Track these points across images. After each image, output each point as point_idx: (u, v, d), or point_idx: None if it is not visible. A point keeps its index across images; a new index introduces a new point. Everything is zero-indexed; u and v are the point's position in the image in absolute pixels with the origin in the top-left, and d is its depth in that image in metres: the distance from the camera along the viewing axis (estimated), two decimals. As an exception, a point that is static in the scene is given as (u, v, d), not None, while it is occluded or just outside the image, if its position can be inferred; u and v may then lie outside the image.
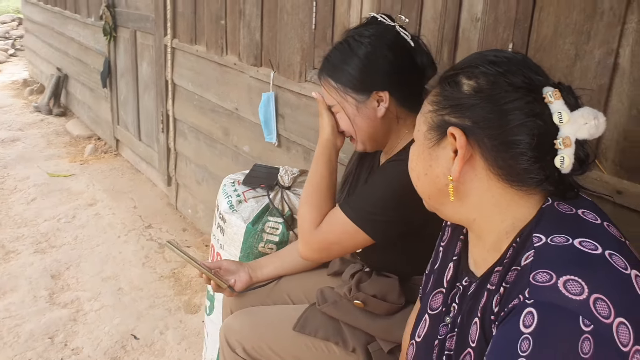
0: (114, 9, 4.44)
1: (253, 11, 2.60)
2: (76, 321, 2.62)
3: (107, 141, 5.21)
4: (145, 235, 3.49)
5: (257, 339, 1.48)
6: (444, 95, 0.92)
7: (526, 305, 0.75)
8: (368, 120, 1.38)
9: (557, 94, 0.84)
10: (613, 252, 0.79)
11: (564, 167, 0.84)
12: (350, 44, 1.36)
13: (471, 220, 0.94)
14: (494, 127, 0.85)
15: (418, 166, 0.97)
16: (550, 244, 0.81)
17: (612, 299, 0.73)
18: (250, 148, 2.83)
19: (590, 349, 0.69)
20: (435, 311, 1.05)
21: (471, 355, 0.88)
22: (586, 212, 0.87)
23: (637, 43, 1.18)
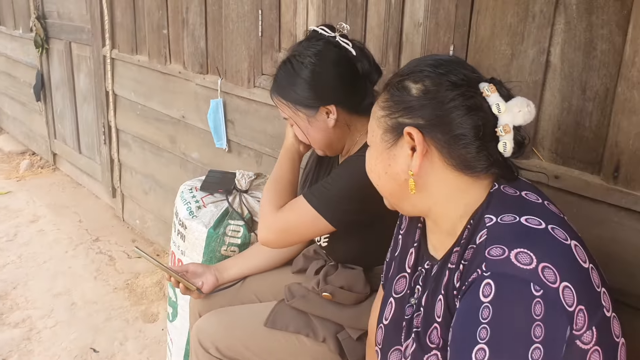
0: (44, 21, 4.34)
1: (197, 20, 2.63)
2: (30, 340, 2.58)
3: (43, 156, 5.07)
4: (94, 249, 3.45)
5: (230, 338, 1.53)
6: (394, 100, 1.01)
7: (484, 277, 0.85)
8: (320, 131, 1.47)
9: (492, 88, 0.96)
10: (555, 226, 0.91)
11: (506, 151, 0.95)
12: (293, 65, 1.44)
13: (428, 210, 1.04)
14: (444, 122, 0.96)
15: (377, 167, 1.06)
16: (501, 223, 0.91)
17: (557, 266, 0.84)
18: (200, 155, 2.86)
19: (542, 311, 0.80)
20: (400, 294, 1.14)
21: (438, 330, 0.98)
22: (529, 193, 0.99)
23: (566, 42, 1.31)
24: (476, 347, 0.82)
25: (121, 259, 3.34)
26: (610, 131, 1.26)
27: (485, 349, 0.81)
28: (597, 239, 1.32)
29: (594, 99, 1.28)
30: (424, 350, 0.99)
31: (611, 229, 1.30)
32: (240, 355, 1.53)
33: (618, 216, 1.28)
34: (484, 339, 0.81)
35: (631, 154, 1.22)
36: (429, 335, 0.99)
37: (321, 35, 1.47)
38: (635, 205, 1.23)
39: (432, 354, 0.97)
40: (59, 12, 4.13)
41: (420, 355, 0.99)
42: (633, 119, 1.21)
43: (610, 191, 1.27)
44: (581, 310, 0.84)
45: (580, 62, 1.29)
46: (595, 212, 1.32)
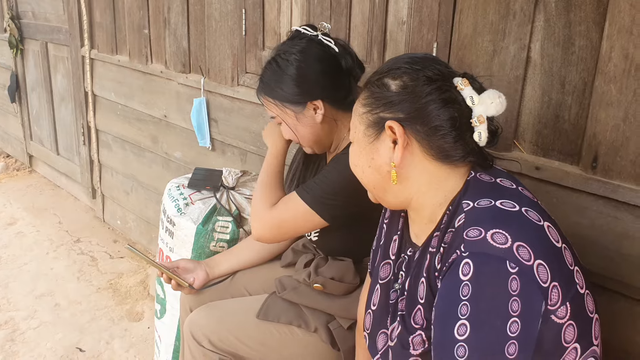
0: (19, 21, 4.29)
1: (179, 20, 2.65)
2: (14, 341, 2.57)
3: (18, 158, 5.02)
4: (76, 250, 3.43)
5: (223, 331, 1.56)
6: (374, 96, 1.07)
7: (463, 257, 0.90)
8: (309, 127, 1.51)
9: (465, 82, 1.04)
10: (528, 208, 0.98)
11: (481, 140, 1.02)
12: (279, 63, 1.48)
13: (410, 200, 1.09)
14: (422, 115, 1.02)
15: (361, 161, 1.12)
16: (477, 207, 0.97)
17: (531, 245, 0.90)
18: (183, 154, 2.88)
19: (518, 287, 0.86)
20: (385, 280, 1.20)
21: (421, 311, 1.03)
22: (503, 180, 1.06)
23: (546, 38, 1.37)
24: (458, 323, 0.88)
25: (103, 260, 3.33)
26: (588, 123, 1.32)
27: (466, 324, 0.87)
28: (577, 226, 1.38)
29: (572, 93, 1.34)
30: (409, 331, 1.04)
31: (590, 217, 1.36)
32: (233, 347, 1.56)
33: (596, 204, 1.34)
34: (465, 314, 0.87)
35: (609, 145, 1.29)
36: (413, 316, 1.04)
37: (304, 35, 1.51)
38: (613, 194, 1.29)
39: (417, 334, 1.02)
40: (34, 12, 4.10)
41: (405, 336, 1.04)
42: (610, 112, 1.27)
43: (589, 181, 1.33)
44: (555, 286, 0.90)
45: (559, 57, 1.35)
46: (574, 201, 1.38)
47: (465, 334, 0.87)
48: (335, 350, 1.54)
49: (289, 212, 1.48)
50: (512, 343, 0.85)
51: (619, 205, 1.30)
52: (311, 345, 1.55)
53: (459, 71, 1.08)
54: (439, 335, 0.93)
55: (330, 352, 1.55)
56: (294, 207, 1.47)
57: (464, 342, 0.87)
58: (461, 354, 0.87)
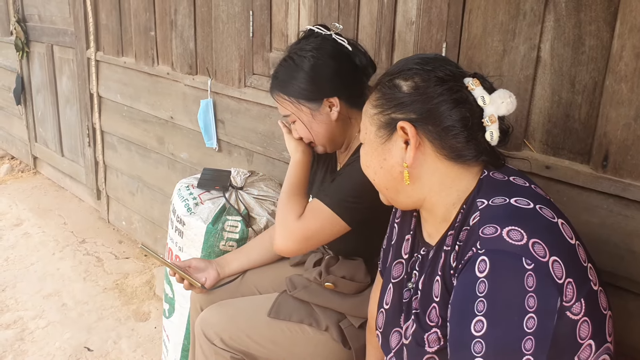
0: (25, 24, 4.31)
1: (185, 22, 2.66)
2: (23, 340, 2.58)
3: (23, 160, 5.03)
4: (81, 250, 3.45)
5: (234, 329, 1.57)
6: (386, 97, 1.08)
7: (479, 254, 0.91)
8: (324, 125, 1.52)
9: (476, 82, 1.05)
10: (542, 205, 0.99)
11: (493, 139, 1.03)
12: (294, 60, 1.49)
13: (422, 200, 1.10)
14: (434, 116, 1.03)
15: (373, 162, 1.13)
16: (492, 205, 0.98)
17: (546, 242, 0.91)
18: (189, 155, 2.89)
19: (534, 283, 0.87)
20: (397, 279, 1.21)
21: (436, 309, 1.04)
22: (516, 178, 1.07)
23: (556, 38, 1.38)
24: (474, 320, 0.89)
25: (109, 260, 3.34)
26: (598, 122, 1.33)
27: (483, 321, 0.88)
28: (587, 225, 1.39)
29: (582, 92, 1.35)
30: (424, 329, 1.05)
31: (600, 215, 1.37)
32: (244, 346, 1.57)
33: (607, 203, 1.35)
34: (482, 311, 0.88)
35: (619, 144, 1.30)
36: (429, 314, 1.05)
37: (318, 33, 1.53)
38: (623, 192, 1.30)
39: (432, 331, 1.03)
40: (40, 15, 4.12)
41: (421, 334, 1.05)
42: (621, 111, 1.28)
43: (600, 179, 1.34)
44: (570, 282, 0.91)
45: (569, 57, 1.36)
46: (585, 200, 1.39)
47: (482, 330, 0.88)
48: (347, 349, 1.55)
49: (317, 222, 1.45)
50: (529, 339, 0.86)
51: (630, 203, 1.31)
52: (322, 344, 1.56)
53: (469, 71, 1.09)
54: (455, 332, 0.94)
55: (341, 350, 1.56)
56: (320, 215, 1.45)
57: (481, 338, 0.88)
58: (478, 350, 0.88)
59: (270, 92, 1.56)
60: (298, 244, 1.47)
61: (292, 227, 1.46)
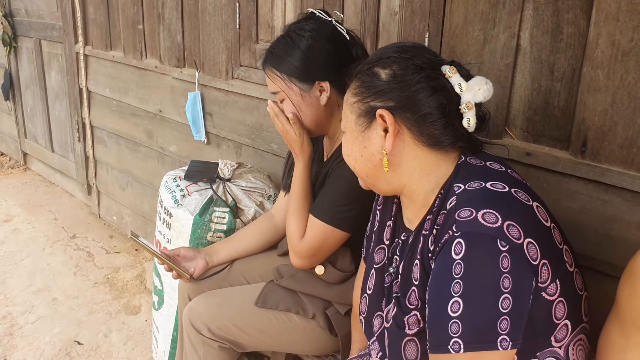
0: (12, 18, 4.30)
1: (173, 15, 2.67)
2: (12, 335, 2.58)
3: (12, 156, 5.02)
4: (72, 246, 3.45)
5: (222, 318, 1.59)
6: (365, 85, 1.10)
7: (455, 237, 0.93)
8: (312, 108, 1.52)
9: (453, 70, 1.07)
10: (517, 189, 1.01)
11: (470, 126, 1.06)
12: (292, 38, 1.48)
13: (402, 186, 1.12)
14: (412, 103, 1.05)
15: (353, 150, 1.14)
16: (468, 189, 1.00)
17: (521, 224, 0.93)
18: (178, 148, 2.90)
19: (509, 264, 0.89)
20: (379, 264, 1.23)
21: (415, 292, 1.06)
22: (493, 163, 1.09)
23: (535, 26, 1.40)
24: (451, 301, 0.91)
25: (100, 255, 3.35)
26: (577, 109, 1.35)
27: (459, 302, 0.90)
28: (567, 210, 1.41)
29: (561, 80, 1.37)
30: (404, 312, 1.07)
31: (580, 201, 1.39)
32: (231, 335, 1.59)
33: (586, 188, 1.37)
34: (458, 292, 0.90)
35: (597, 130, 1.32)
36: (408, 297, 1.07)
37: (318, 17, 1.53)
38: (602, 177, 1.33)
39: (412, 314, 1.05)
40: (27, 9, 4.10)
41: (401, 316, 1.07)
42: (598, 97, 1.30)
43: (579, 165, 1.36)
44: (545, 264, 0.93)
45: (548, 45, 1.38)
46: (565, 186, 1.41)
47: (458, 311, 0.90)
48: (333, 335, 1.57)
49: (318, 239, 1.49)
50: (505, 319, 0.88)
51: (608, 188, 1.33)
52: (309, 331, 1.58)
53: (447, 59, 1.10)
54: (433, 313, 0.95)
55: (328, 337, 1.58)
56: (319, 232, 1.49)
57: (458, 318, 0.90)
58: (455, 330, 0.90)
59: (263, 66, 1.54)
60: (308, 260, 1.54)
61: (297, 248, 1.53)
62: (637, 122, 1.25)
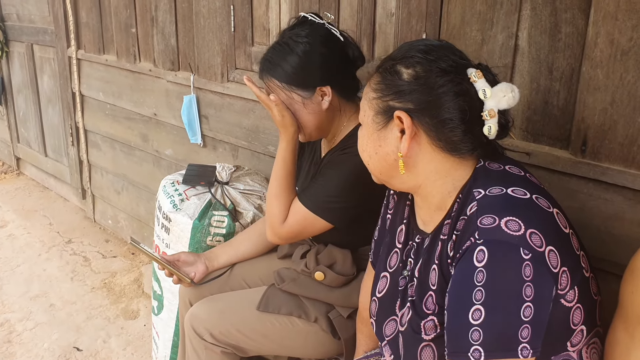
0: (3, 23, 4.27)
1: (166, 18, 2.65)
2: (11, 342, 2.57)
3: (5, 161, 4.99)
4: (68, 251, 3.43)
5: (224, 323, 1.58)
6: (385, 83, 1.07)
7: (477, 244, 0.92)
8: (314, 114, 1.50)
9: (479, 74, 1.03)
10: (538, 195, 0.99)
11: (490, 134, 1.03)
12: (289, 44, 1.47)
13: (417, 187, 1.10)
14: (432, 107, 1.02)
15: (369, 147, 1.12)
16: (489, 195, 0.99)
17: (543, 232, 0.92)
18: (174, 151, 2.88)
19: (531, 272, 0.88)
20: (393, 268, 1.21)
21: (433, 297, 1.05)
22: (512, 167, 1.07)
23: (532, 26, 1.40)
24: (472, 308, 0.90)
25: (96, 259, 3.33)
26: (576, 108, 1.35)
27: (481, 309, 0.89)
28: (568, 209, 1.39)
29: (560, 79, 1.37)
30: (421, 316, 1.06)
31: (581, 200, 1.39)
32: (234, 340, 1.58)
33: (587, 187, 1.38)
34: (480, 300, 0.89)
35: (597, 129, 1.32)
36: (425, 302, 1.06)
37: (311, 21, 1.52)
38: (602, 176, 1.33)
39: (429, 319, 1.04)
40: (19, 14, 4.07)
41: (417, 321, 1.06)
42: (597, 96, 1.30)
43: (579, 164, 1.36)
44: (564, 271, 0.93)
45: (546, 44, 1.38)
46: (565, 185, 1.41)
47: (480, 319, 0.89)
48: (336, 339, 1.56)
49: (299, 224, 1.51)
50: (526, 327, 0.88)
51: (609, 187, 1.33)
52: (312, 335, 1.58)
53: (474, 61, 1.08)
54: (453, 320, 0.95)
55: (331, 341, 1.57)
56: (301, 218, 1.50)
57: (479, 326, 0.89)
58: (476, 338, 0.89)
59: (260, 75, 1.52)
60: (285, 241, 1.60)
61: (278, 231, 1.54)
62: (637, 121, 1.25)
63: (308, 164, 1.71)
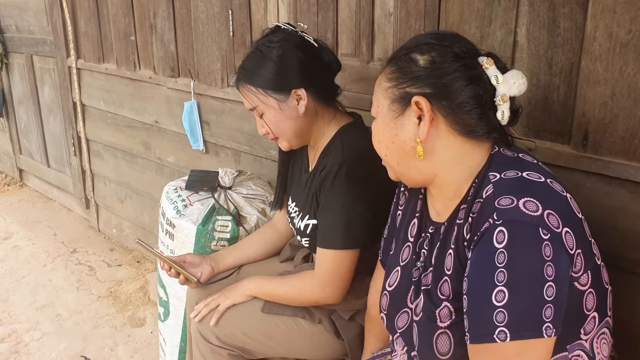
0: (2, 35, 4.28)
1: (165, 24, 2.66)
2: (19, 353, 2.57)
3: (8, 173, 5.00)
4: (73, 260, 3.44)
5: (230, 326, 1.59)
6: (401, 71, 1.08)
7: (496, 225, 0.92)
8: (292, 119, 1.51)
9: (490, 61, 1.06)
10: (553, 180, 1.01)
11: (504, 119, 1.05)
12: (262, 51, 1.49)
13: (434, 176, 1.11)
14: (449, 91, 1.03)
15: (385, 137, 1.12)
16: (504, 178, 1.00)
17: (559, 213, 0.93)
18: (176, 158, 2.89)
19: (551, 252, 0.89)
20: (406, 261, 1.21)
21: (448, 282, 1.05)
22: (525, 155, 1.09)
23: (531, 22, 1.41)
24: (495, 290, 0.90)
25: (101, 268, 3.34)
26: (577, 103, 1.35)
27: (504, 291, 0.89)
28: (571, 204, 1.41)
29: (560, 74, 1.38)
30: (436, 304, 1.06)
31: (584, 194, 1.39)
32: (240, 342, 1.59)
33: (589, 181, 1.38)
34: (502, 281, 0.89)
35: (598, 123, 1.32)
36: (440, 288, 1.06)
37: (284, 29, 1.54)
38: (605, 170, 1.33)
39: (443, 306, 1.04)
40: (18, 25, 4.09)
41: (431, 308, 1.06)
42: (597, 90, 1.30)
43: (581, 159, 1.36)
44: (579, 254, 0.94)
45: (545, 40, 1.38)
46: (568, 180, 1.41)
47: (503, 300, 0.89)
48: (340, 340, 1.57)
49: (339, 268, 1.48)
50: (549, 306, 0.88)
51: (611, 180, 1.33)
52: (316, 336, 1.58)
53: (483, 50, 1.10)
54: (475, 303, 0.94)
55: (335, 342, 1.58)
56: (336, 262, 1.47)
57: (503, 307, 0.89)
58: (500, 319, 0.89)
59: (236, 84, 1.55)
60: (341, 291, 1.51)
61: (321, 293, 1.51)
62: (638, 114, 1.25)
63: (298, 172, 1.71)
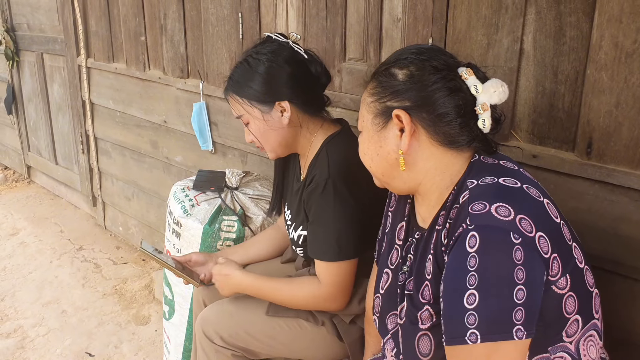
0: (14, 33, 4.33)
1: (175, 26, 2.69)
2: (24, 348, 2.60)
3: (16, 169, 5.04)
4: (79, 257, 3.46)
5: (233, 327, 1.60)
6: (382, 85, 1.12)
7: (469, 230, 0.95)
8: (275, 129, 1.54)
9: (469, 72, 1.09)
10: (529, 185, 1.03)
11: (485, 127, 1.07)
12: (249, 63, 1.51)
13: (418, 185, 1.14)
14: (428, 103, 1.07)
15: (370, 150, 1.16)
16: (481, 184, 1.02)
17: (533, 218, 0.95)
18: (184, 158, 2.91)
19: (522, 256, 0.91)
20: (395, 264, 1.24)
21: (429, 286, 1.07)
22: (506, 162, 1.11)
23: (537, 30, 1.42)
24: (467, 293, 0.92)
25: (107, 266, 3.36)
26: (582, 111, 1.36)
27: (475, 294, 0.91)
28: (574, 211, 1.42)
29: (565, 82, 1.39)
30: (417, 307, 1.09)
31: (587, 201, 1.40)
32: (244, 343, 1.60)
33: (593, 189, 1.39)
34: (473, 284, 0.92)
35: (602, 131, 1.33)
36: (421, 293, 1.09)
37: (275, 40, 1.56)
38: (608, 178, 1.34)
39: (425, 309, 1.07)
40: (29, 23, 4.13)
41: (414, 312, 1.09)
42: (602, 99, 1.32)
43: (585, 166, 1.38)
44: (555, 257, 0.95)
45: (551, 48, 1.40)
46: (571, 187, 1.43)
47: (474, 303, 0.91)
48: (342, 342, 1.58)
49: (340, 278, 1.49)
50: (519, 309, 0.90)
51: (615, 188, 1.35)
52: (319, 338, 1.60)
53: (463, 62, 1.12)
54: (448, 306, 0.97)
55: (338, 344, 1.59)
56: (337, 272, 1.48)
57: (474, 310, 0.91)
58: (471, 322, 0.91)
59: (224, 93, 1.58)
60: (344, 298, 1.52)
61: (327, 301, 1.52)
62: (642, 123, 1.27)
63: (291, 180, 1.73)
